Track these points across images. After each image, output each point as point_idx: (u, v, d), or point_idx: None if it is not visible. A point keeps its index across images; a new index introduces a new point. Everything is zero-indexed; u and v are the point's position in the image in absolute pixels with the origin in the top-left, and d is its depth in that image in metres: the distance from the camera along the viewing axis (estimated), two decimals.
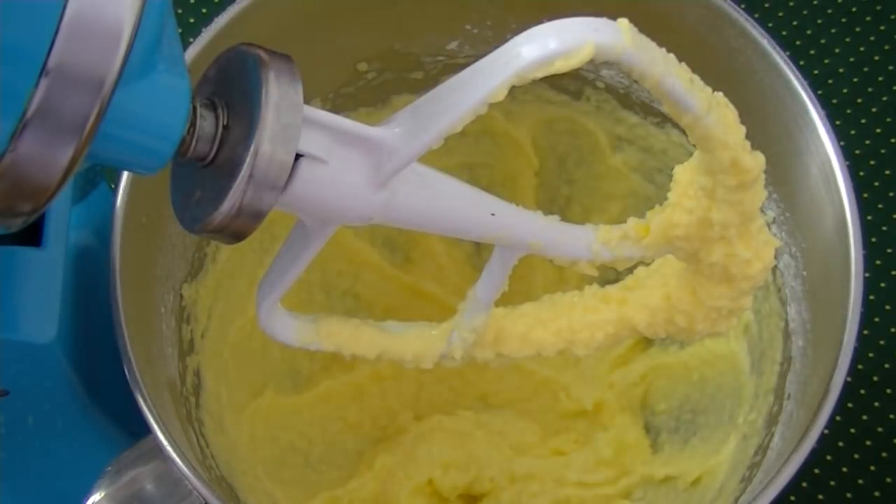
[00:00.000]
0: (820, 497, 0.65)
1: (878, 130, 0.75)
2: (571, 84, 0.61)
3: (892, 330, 0.70)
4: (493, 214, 0.41)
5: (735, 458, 0.55)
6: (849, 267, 0.48)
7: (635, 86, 0.59)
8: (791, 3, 0.79)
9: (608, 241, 0.43)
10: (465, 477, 0.61)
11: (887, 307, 0.70)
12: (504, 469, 0.61)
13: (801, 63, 0.55)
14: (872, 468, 0.66)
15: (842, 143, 0.50)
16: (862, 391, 0.68)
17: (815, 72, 0.76)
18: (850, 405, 0.67)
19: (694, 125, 0.38)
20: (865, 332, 0.68)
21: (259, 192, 0.34)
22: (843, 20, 0.79)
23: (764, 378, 0.55)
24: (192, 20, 0.79)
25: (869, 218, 0.71)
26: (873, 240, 0.72)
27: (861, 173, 0.73)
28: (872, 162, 0.74)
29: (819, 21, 0.79)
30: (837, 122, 0.52)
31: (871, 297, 0.69)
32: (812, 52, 0.78)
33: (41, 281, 0.51)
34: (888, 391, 0.68)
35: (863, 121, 0.75)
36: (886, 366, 0.69)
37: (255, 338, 0.60)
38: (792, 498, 0.65)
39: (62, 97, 0.29)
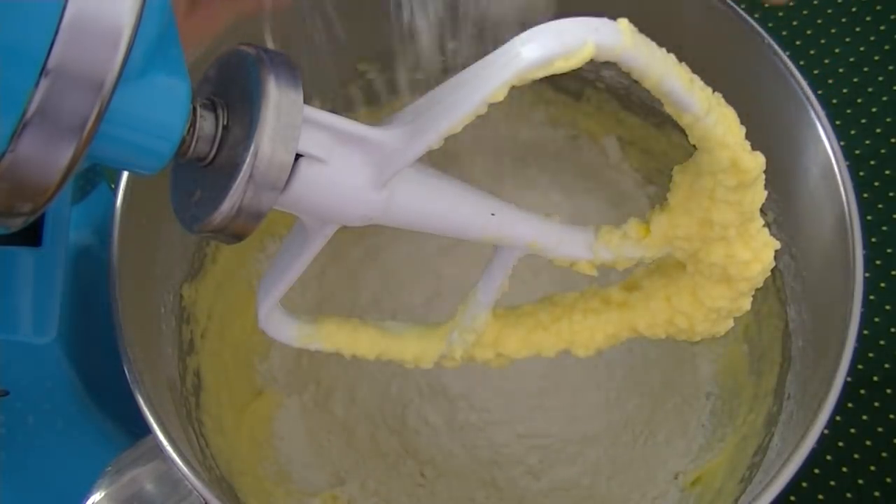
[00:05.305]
0: (820, 497, 0.65)
1: (878, 130, 0.75)
2: (572, 84, 0.61)
3: (892, 330, 0.70)
4: (493, 214, 0.41)
5: (734, 458, 0.55)
6: (849, 267, 0.48)
7: (636, 87, 0.59)
8: (791, 3, 0.79)
9: (608, 241, 0.43)
10: None
11: (887, 307, 0.70)
12: None
13: (801, 63, 0.55)
14: (872, 468, 0.66)
15: (842, 143, 0.50)
16: (862, 391, 0.68)
17: (815, 72, 0.76)
18: (850, 405, 0.67)
19: (694, 125, 0.38)
20: (865, 332, 0.68)
21: (259, 192, 0.34)
22: (843, 20, 0.79)
23: (764, 378, 0.55)
24: None
25: (869, 218, 0.71)
26: (873, 240, 0.72)
27: (861, 173, 0.73)
28: (872, 162, 0.74)
29: (819, 21, 0.79)
30: (837, 122, 0.51)
31: (872, 297, 0.69)
32: (812, 52, 0.78)
33: (41, 281, 0.51)
34: (888, 391, 0.68)
35: (863, 121, 0.75)
36: (886, 366, 0.69)
37: (255, 338, 0.60)
38: (792, 498, 0.65)
39: (62, 97, 0.29)
